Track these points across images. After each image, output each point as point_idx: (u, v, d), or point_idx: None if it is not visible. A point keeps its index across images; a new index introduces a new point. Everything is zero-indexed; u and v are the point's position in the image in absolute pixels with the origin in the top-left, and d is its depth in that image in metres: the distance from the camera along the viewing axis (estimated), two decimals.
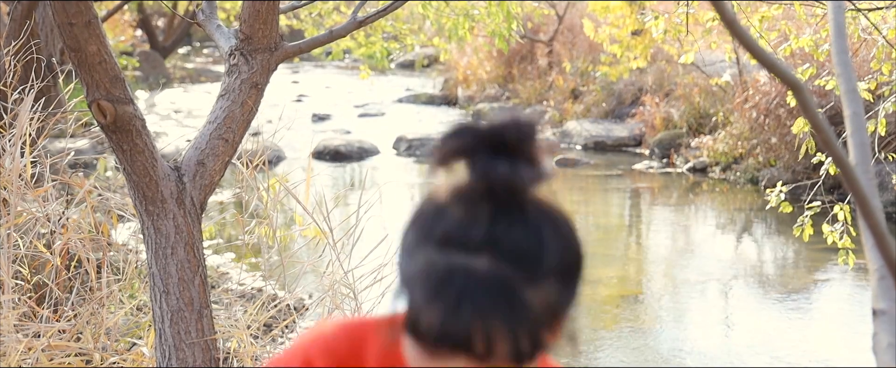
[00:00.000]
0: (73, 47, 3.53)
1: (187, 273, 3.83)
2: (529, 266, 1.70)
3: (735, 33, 1.84)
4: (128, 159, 3.73)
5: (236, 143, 3.99)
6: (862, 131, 2.80)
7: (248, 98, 3.95)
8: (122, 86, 3.66)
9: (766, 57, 1.89)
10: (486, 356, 1.67)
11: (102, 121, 3.66)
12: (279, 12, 3.99)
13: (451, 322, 1.66)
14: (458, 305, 1.65)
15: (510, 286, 1.67)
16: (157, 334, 3.92)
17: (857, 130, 2.81)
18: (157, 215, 3.80)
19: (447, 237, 1.70)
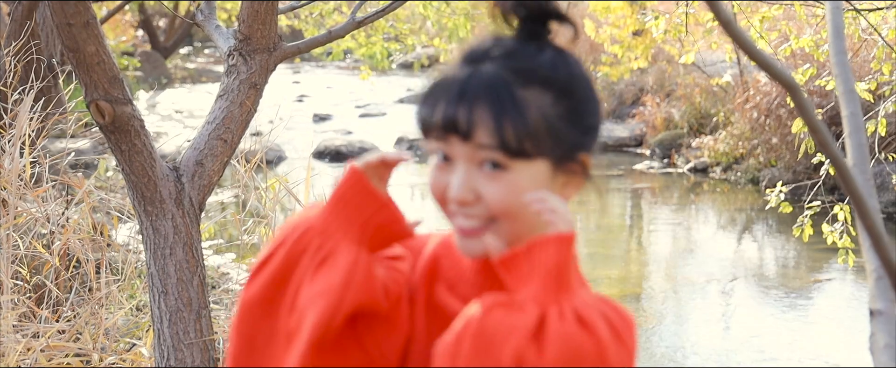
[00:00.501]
0: (72, 48, 3.53)
1: (186, 274, 3.82)
2: (523, 72, 1.92)
3: (731, 33, 1.84)
4: (126, 159, 3.73)
5: (235, 143, 3.99)
6: (860, 132, 2.80)
7: (247, 98, 3.95)
8: (121, 86, 3.65)
9: (763, 57, 1.89)
10: (468, 136, 1.89)
11: (101, 121, 3.66)
12: (278, 13, 3.99)
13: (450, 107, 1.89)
14: (457, 94, 1.89)
15: (499, 80, 1.90)
16: (156, 334, 3.92)
17: (855, 131, 2.81)
18: (156, 215, 3.80)
19: (466, 55, 1.97)
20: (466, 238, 1.97)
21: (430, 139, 1.95)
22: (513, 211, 1.94)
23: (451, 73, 1.96)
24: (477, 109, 1.89)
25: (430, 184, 1.99)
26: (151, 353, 5.04)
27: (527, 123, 1.90)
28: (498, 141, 1.89)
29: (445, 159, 1.95)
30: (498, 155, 1.90)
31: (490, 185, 1.92)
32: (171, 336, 3.83)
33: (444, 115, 1.90)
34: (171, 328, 3.83)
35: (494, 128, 1.89)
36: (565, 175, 2.00)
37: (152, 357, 4.94)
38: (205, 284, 3.92)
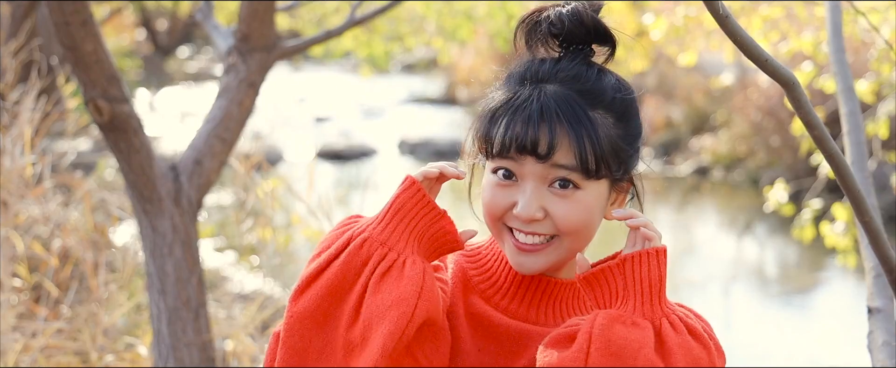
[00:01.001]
0: (70, 46, 3.53)
1: (184, 273, 3.82)
2: (590, 95, 1.99)
3: (727, 30, 1.84)
4: (124, 157, 3.73)
5: (233, 142, 3.98)
6: (858, 130, 2.80)
7: (246, 97, 3.94)
8: (119, 85, 3.65)
9: (759, 53, 1.89)
10: (549, 155, 1.95)
11: (99, 120, 3.66)
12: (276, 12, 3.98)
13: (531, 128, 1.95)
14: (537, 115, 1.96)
15: (574, 102, 1.97)
16: (155, 333, 3.91)
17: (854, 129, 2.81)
18: (154, 214, 3.79)
19: (522, 78, 2.04)
20: (525, 254, 2.03)
21: (495, 157, 2.00)
22: (579, 229, 2.04)
23: (513, 94, 2.02)
24: (558, 130, 1.96)
25: (486, 201, 2.04)
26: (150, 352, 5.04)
27: (603, 145, 1.99)
28: (577, 162, 1.97)
29: (507, 177, 2.01)
30: (574, 175, 1.98)
31: (561, 203, 2.00)
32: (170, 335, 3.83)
33: (525, 135, 1.96)
34: (169, 326, 3.82)
35: (576, 150, 1.96)
36: (616, 193, 2.11)
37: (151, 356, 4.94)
38: (203, 283, 3.91)
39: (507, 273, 2.12)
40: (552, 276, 2.11)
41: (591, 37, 2.05)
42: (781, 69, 1.93)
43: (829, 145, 1.98)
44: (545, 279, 2.11)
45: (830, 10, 3.04)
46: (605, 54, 2.09)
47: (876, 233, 2.10)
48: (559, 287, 2.12)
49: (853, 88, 2.84)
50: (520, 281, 2.11)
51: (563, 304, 2.12)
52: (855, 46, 11.36)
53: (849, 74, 2.90)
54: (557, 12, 2.03)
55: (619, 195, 2.12)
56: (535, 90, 2.00)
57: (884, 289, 2.60)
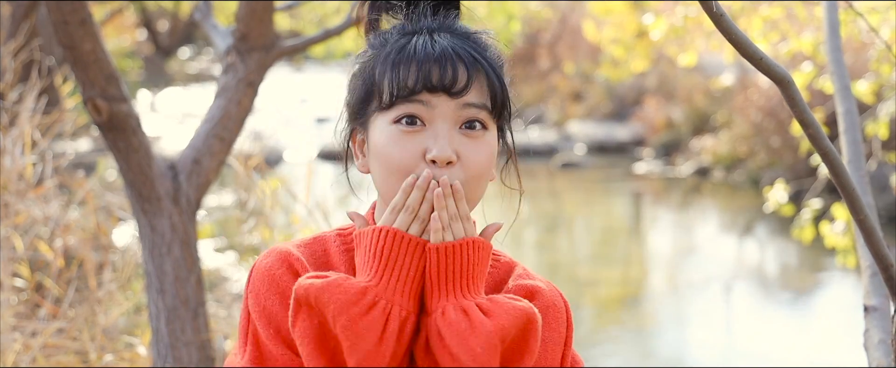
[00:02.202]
0: (68, 45, 3.54)
1: (183, 272, 3.82)
2: (476, 42, 2.00)
3: (721, 28, 1.84)
4: (123, 157, 3.74)
5: (232, 141, 3.99)
6: (854, 129, 2.81)
7: (245, 97, 3.95)
8: (117, 84, 3.66)
9: (753, 52, 1.90)
10: (465, 89, 1.93)
11: (97, 119, 3.67)
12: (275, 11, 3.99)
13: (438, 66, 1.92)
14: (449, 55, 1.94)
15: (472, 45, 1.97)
16: (153, 332, 3.92)
17: (850, 128, 2.81)
18: (153, 213, 3.80)
19: (404, 31, 2.00)
20: None
21: (397, 104, 1.94)
22: (483, 174, 1.97)
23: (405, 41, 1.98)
24: (470, 67, 1.94)
25: (391, 154, 1.95)
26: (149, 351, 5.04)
27: (505, 85, 1.99)
28: (488, 99, 1.95)
29: (411, 124, 1.94)
30: (483, 114, 1.95)
31: (470, 144, 1.95)
32: (169, 334, 3.83)
33: (443, 72, 1.92)
34: (168, 325, 3.82)
35: (487, 86, 1.95)
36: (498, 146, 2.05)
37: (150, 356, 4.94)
38: (202, 282, 3.92)
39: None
40: None
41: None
42: (776, 67, 1.93)
43: (823, 144, 1.98)
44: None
45: (827, 9, 3.05)
46: None
47: (870, 231, 2.11)
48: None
49: (850, 87, 2.84)
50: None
51: None
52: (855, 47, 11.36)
53: (845, 73, 2.90)
54: None
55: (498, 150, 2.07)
56: (430, 35, 1.98)
57: (880, 287, 2.61)
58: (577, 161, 17.74)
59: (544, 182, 16.89)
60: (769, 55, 1.97)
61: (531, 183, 16.38)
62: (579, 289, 11.08)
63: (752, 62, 1.91)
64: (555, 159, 17.82)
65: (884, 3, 6.73)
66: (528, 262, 11.87)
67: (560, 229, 14.48)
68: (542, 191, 16.32)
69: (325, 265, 2.07)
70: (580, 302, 10.64)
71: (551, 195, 16.33)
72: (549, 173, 17.27)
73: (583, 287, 11.17)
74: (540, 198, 15.77)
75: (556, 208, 15.52)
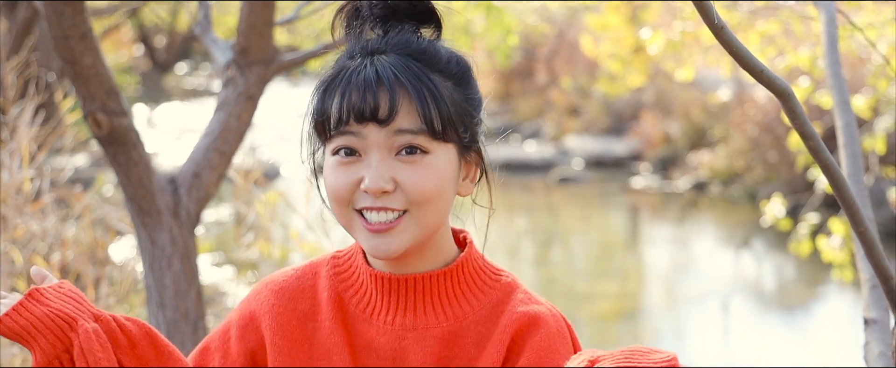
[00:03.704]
0: (69, 60, 3.54)
1: (183, 285, 3.82)
2: (424, 58, 1.93)
3: (722, 40, 1.85)
4: (123, 170, 3.74)
5: (232, 155, 3.99)
6: (854, 142, 2.82)
7: (244, 110, 3.95)
8: (118, 98, 3.66)
9: (754, 64, 1.90)
10: (390, 117, 1.87)
11: (98, 133, 3.67)
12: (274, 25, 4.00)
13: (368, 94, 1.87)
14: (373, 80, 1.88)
15: (410, 65, 1.90)
16: None
17: (850, 142, 2.82)
18: (153, 227, 3.80)
19: (351, 53, 1.96)
20: (379, 236, 1.93)
21: (333, 135, 1.92)
22: (432, 197, 1.92)
23: (343, 66, 1.94)
24: (398, 91, 1.88)
25: (330, 184, 1.95)
26: None
27: (446, 104, 1.91)
28: (422, 123, 1.89)
29: (349, 155, 1.92)
30: (420, 138, 1.89)
31: (409, 170, 1.90)
32: None
33: (363, 100, 1.87)
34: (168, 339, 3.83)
35: (419, 110, 1.88)
36: (466, 166, 2.00)
37: None
38: (201, 296, 3.92)
39: (372, 283, 2.03)
40: (419, 272, 2.01)
41: (415, 13, 1.98)
42: (776, 80, 1.94)
43: (824, 156, 1.99)
44: (415, 278, 2.00)
45: (826, 23, 3.06)
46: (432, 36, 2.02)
47: (871, 243, 2.11)
48: (430, 282, 2.01)
49: (849, 101, 2.86)
50: (386, 288, 2.01)
51: (438, 299, 2.01)
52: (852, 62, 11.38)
53: (845, 87, 2.92)
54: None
55: (470, 169, 2.02)
56: (367, 59, 1.93)
57: (880, 300, 2.62)
58: (574, 176, 17.75)
59: (541, 197, 16.90)
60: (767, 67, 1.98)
61: (528, 198, 16.39)
62: (576, 304, 11.08)
63: (752, 75, 1.91)
64: (552, 173, 17.83)
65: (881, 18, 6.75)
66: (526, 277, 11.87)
67: (557, 243, 14.49)
68: (540, 206, 16.33)
69: (310, 298, 2.08)
70: (577, 317, 10.64)
71: (548, 210, 16.34)
72: (547, 188, 17.28)
73: (580, 302, 11.17)
74: (537, 212, 15.77)
75: (553, 223, 15.52)
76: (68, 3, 3.46)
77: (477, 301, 2.01)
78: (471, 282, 2.02)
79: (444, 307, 2.00)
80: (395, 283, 2.00)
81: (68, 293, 2.08)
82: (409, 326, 1.99)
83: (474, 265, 2.04)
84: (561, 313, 2.05)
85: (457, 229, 2.09)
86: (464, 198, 2.05)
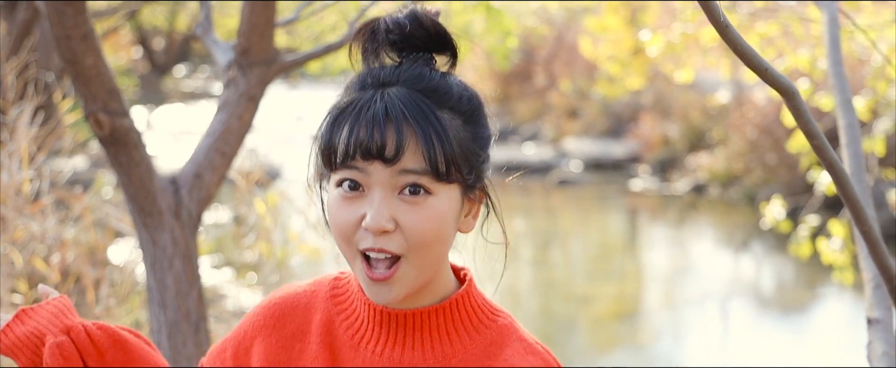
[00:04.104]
0: (70, 60, 3.54)
1: (184, 286, 3.82)
2: (435, 94, 1.90)
3: (727, 39, 1.85)
4: (125, 171, 3.73)
5: (233, 156, 3.99)
6: (856, 142, 2.81)
7: (245, 111, 3.95)
8: (119, 98, 3.66)
9: (759, 63, 1.90)
10: (397, 157, 1.83)
11: (99, 133, 3.67)
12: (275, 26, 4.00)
13: (376, 130, 1.84)
14: (381, 116, 1.85)
15: (420, 102, 1.87)
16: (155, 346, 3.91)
17: (852, 141, 2.82)
18: (155, 227, 3.80)
19: (363, 83, 1.92)
20: (378, 285, 1.91)
21: (339, 168, 1.89)
22: (430, 241, 1.89)
23: (354, 98, 1.91)
24: (405, 131, 1.85)
25: (333, 218, 1.92)
26: None
27: (452, 145, 1.87)
28: (426, 164, 1.85)
29: (353, 189, 1.89)
30: (424, 179, 1.86)
31: (411, 211, 1.87)
32: (170, 349, 3.83)
33: (370, 138, 1.84)
34: (169, 340, 3.82)
35: (424, 150, 1.85)
36: (469, 203, 1.97)
37: None
38: (203, 296, 3.92)
39: (367, 313, 2.00)
40: (414, 307, 1.98)
41: (431, 42, 1.95)
42: (781, 78, 1.94)
43: (828, 155, 1.99)
44: (408, 313, 1.97)
45: (828, 23, 3.06)
46: (446, 65, 1.99)
47: (875, 242, 2.11)
48: (422, 318, 1.98)
49: (851, 100, 2.85)
50: (379, 320, 1.98)
51: (429, 335, 1.98)
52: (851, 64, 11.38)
53: (846, 86, 2.91)
54: (394, 18, 1.93)
55: (472, 206, 1.98)
56: (378, 92, 1.88)
57: (883, 300, 2.62)
58: (573, 178, 17.75)
59: (540, 199, 16.90)
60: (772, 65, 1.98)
61: (527, 200, 16.38)
62: (575, 305, 11.08)
63: (757, 73, 1.91)
64: (551, 175, 17.84)
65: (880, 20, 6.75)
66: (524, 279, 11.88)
67: (556, 245, 14.49)
68: (538, 208, 16.33)
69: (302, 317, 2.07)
70: (576, 319, 10.64)
71: (547, 212, 16.35)
72: (545, 190, 17.29)
73: (579, 304, 11.17)
74: (536, 215, 15.77)
75: (552, 225, 15.53)
76: (70, 3, 3.46)
77: (470, 341, 1.98)
78: (466, 320, 1.99)
79: (433, 344, 1.97)
80: (388, 316, 1.97)
81: (54, 307, 2.11)
82: (396, 360, 1.97)
83: (471, 304, 2.00)
84: (556, 361, 1.99)
85: (458, 266, 2.06)
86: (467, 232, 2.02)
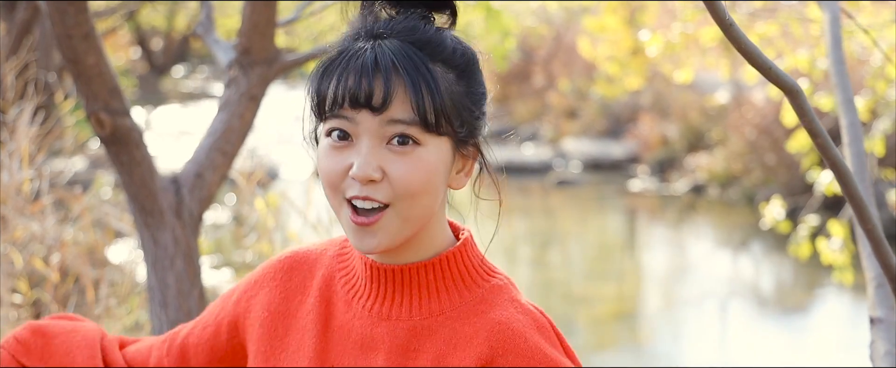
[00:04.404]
0: (72, 59, 3.54)
1: (185, 285, 3.82)
2: (428, 47, 1.89)
3: (731, 37, 1.85)
4: (126, 170, 3.73)
5: (234, 155, 3.99)
6: (858, 141, 2.82)
7: (247, 110, 3.95)
8: (120, 98, 3.66)
9: (762, 61, 1.90)
10: (384, 105, 1.84)
11: (101, 133, 3.67)
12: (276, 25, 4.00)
13: (364, 78, 1.84)
14: (370, 65, 1.85)
15: (411, 53, 1.87)
16: None
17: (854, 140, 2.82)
18: (156, 227, 3.80)
19: (356, 35, 1.92)
20: (363, 229, 1.91)
21: (328, 117, 1.90)
22: (417, 191, 1.89)
23: (348, 47, 1.91)
24: (394, 80, 1.85)
25: (321, 167, 1.93)
26: None
27: (442, 97, 1.88)
28: (415, 114, 1.86)
29: (342, 138, 1.90)
30: (413, 129, 1.86)
31: (399, 162, 1.87)
32: None
33: (358, 86, 1.85)
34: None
35: (412, 100, 1.85)
36: (462, 159, 1.97)
37: None
38: (204, 296, 3.92)
39: (361, 269, 2.02)
40: (405, 262, 1.98)
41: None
42: (785, 77, 1.94)
43: (832, 153, 1.99)
44: (398, 268, 1.97)
45: (830, 22, 3.06)
46: (447, 24, 1.98)
47: (879, 241, 2.11)
48: (412, 273, 1.97)
49: (853, 99, 2.85)
50: (370, 275, 1.99)
51: (418, 290, 1.98)
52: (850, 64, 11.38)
53: (848, 85, 2.91)
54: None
55: (465, 163, 1.98)
56: (370, 42, 1.88)
57: (886, 299, 2.62)
58: (571, 178, 17.75)
59: (539, 199, 16.90)
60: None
61: (526, 200, 16.39)
62: (574, 306, 11.08)
63: (761, 71, 1.91)
64: (549, 176, 17.84)
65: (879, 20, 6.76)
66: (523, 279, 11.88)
67: (555, 245, 14.49)
68: (537, 208, 16.33)
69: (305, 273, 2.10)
70: (575, 319, 10.64)
71: (546, 212, 16.35)
72: (544, 191, 17.29)
73: (578, 304, 11.17)
74: (534, 215, 15.78)
75: (550, 226, 15.53)
76: (71, 2, 3.46)
77: (458, 297, 1.97)
78: (457, 277, 1.98)
79: (421, 300, 1.97)
80: (379, 271, 1.98)
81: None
82: (384, 315, 1.97)
83: (463, 261, 1.99)
84: (549, 319, 1.97)
85: (459, 225, 2.06)
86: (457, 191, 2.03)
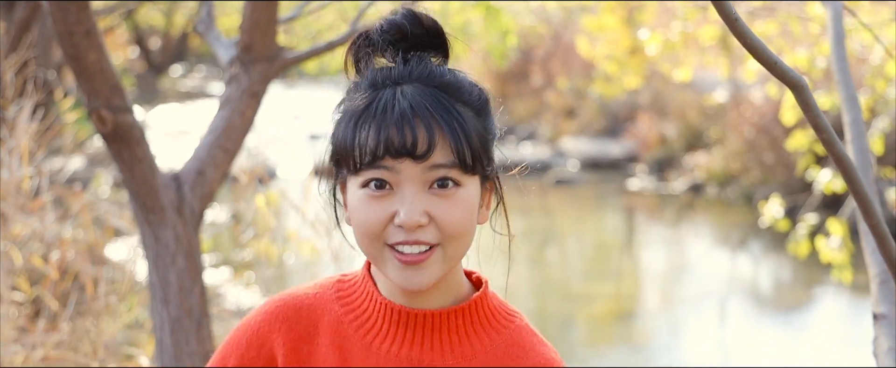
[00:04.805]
0: (73, 56, 3.54)
1: (187, 282, 3.82)
2: (450, 89, 1.92)
3: (736, 32, 1.85)
4: (127, 167, 3.74)
5: (235, 152, 3.99)
6: (862, 138, 2.82)
7: (248, 108, 3.95)
8: (122, 95, 3.67)
9: (768, 56, 1.90)
10: (428, 153, 1.85)
11: (102, 129, 3.67)
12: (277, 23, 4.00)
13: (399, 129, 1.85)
14: (408, 114, 1.86)
15: (439, 97, 1.89)
16: (157, 343, 3.91)
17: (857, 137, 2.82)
18: (157, 224, 3.80)
19: (374, 83, 1.92)
20: (412, 268, 1.91)
21: (364, 169, 1.89)
22: (463, 231, 1.92)
23: (371, 98, 1.91)
24: (433, 126, 1.86)
25: (361, 219, 1.92)
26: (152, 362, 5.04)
27: (473, 137, 1.90)
28: (455, 157, 1.87)
29: (380, 187, 1.89)
30: (453, 172, 1.88)
31: (444, 205, 1.89)
32: (173, 345, 3.83)
33: (401, 137, 1.85)
34: (172, 336, 3.82)
35: (452, 145, 1.87)
36: (485, 194, 2.00)
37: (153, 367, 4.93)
38: (205, 293, 3.92)
39: (381, 313, 2.00)
40: (428, 307, 1.99)
41: (430, 39, 1.96)
42: (790, 72, 1.94)
43: (837, 149, 1.99)
44: (429, 313, 1.98)
45: (833, 19, 3.06)
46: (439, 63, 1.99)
47: (883, 237, 2.11)
48: (443, 318, 2.00)
49: (856, 96, 2.86)
50: (396, 320, 1.99)
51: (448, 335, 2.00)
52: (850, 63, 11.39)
53: (851, 82, 2.92)
54: (390, 20, 1.95)
55: (487, 196, 2.01)
56: (396, 90, 1.89)
57: (889, 295, 2.62)
58: (570, 177, 17.75)
59: (537, 199, 16.90)
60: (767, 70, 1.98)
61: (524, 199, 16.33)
62: (572, 305, 11.08)
63: (766, 67, 1.91)
64: (548, 175, 17.84)
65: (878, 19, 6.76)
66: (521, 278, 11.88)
67: (553, 245, 14.49)
68: (535, 207, 16.32)
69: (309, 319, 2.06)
70: (573, 318, 10.64)
71: (544, 211, 16.34)
72: (543, 190, 17.28)
73: (576, 303, 11.17)
74: (533, 214, 15.77)
75: (549, 224, 15.52)
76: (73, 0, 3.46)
77: (489, 341, 2.00)
78: (485, 322, 2.01)
79: (453, 344, 1.99)
80: (406, 316, 1.98)
81: None
82: (415, 359, 1.98)
83: (489, 305, 2.03)
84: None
85: (468, 269, 2.08)
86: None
